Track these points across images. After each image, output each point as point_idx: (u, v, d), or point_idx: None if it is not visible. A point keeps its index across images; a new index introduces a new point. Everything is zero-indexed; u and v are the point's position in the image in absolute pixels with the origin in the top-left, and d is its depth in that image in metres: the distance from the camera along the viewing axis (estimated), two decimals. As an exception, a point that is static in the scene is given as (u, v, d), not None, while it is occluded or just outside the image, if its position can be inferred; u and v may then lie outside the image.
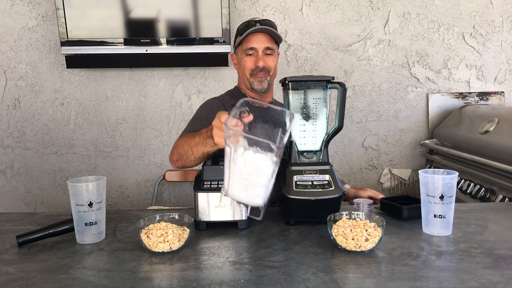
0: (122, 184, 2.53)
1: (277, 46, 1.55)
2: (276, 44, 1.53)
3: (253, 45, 1.47)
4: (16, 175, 2.50)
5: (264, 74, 1.50)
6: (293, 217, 1.16)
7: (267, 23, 1.48)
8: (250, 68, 1.50)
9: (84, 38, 2.28)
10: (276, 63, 1.56)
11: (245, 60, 1.51)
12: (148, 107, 2.47)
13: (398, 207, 1.19)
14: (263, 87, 1.52)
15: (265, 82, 1.51)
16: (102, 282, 0.83)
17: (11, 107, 2.44)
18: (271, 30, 1.47)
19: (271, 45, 1.48)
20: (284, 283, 0.80)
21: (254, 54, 1.48)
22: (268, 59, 1.49)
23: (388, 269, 0.86)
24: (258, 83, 1.51)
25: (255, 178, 0.88)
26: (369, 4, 2.44)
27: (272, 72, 1.52)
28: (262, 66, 1.48)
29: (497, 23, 2.48)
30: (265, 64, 1.48)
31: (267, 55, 1.49)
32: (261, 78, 1.50)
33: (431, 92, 2.52)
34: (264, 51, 1.48)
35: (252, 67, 1.49)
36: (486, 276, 0.81)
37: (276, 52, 1.55)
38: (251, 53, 1.49)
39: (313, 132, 1.21)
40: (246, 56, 1.50)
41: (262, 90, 1.53)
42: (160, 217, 1.06)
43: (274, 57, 1.52)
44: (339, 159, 2.56)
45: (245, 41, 1.49)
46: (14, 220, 1.25)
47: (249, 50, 1.48)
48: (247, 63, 1.50)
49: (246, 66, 1.50)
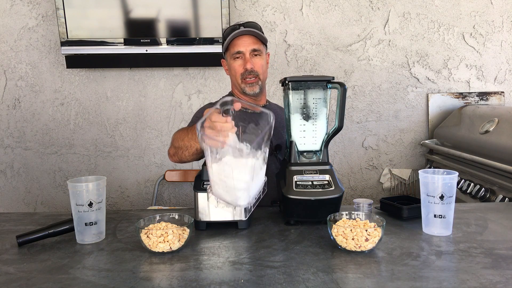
0: (122, 184, 2.53)
1: (265, 47, 1.55)
2: (263, 44, 1.54)
3: (239, 49, 1.49)
4: (16, 175, 2.50)
5: (254, 79, 1.51)
6: (293, 217, 1.16)
7: (251, 25, 1.50)
8: (240, 73, 1.51)
9: (84, 38, 2.28)
10: (266, 63, 1.57)
11: (233, 64, 1.52)
12: (148, 107, 2.47)
13: (398, 207, 1.19)
14: (254, 91, 1.53)
15: (256, 86, 1.52)
16: (102, 282, 0.83)
17: (11, 107, 2.44)
18: (255, 32, 1.48)
19: (257, 47, 1.50)
20: (284, 283, 0.80)
21: (242, 57, 1.50)
22: (256, 60, 1.51)
23: (388, 269, 0.86)
24: (249, 88, 1.53)
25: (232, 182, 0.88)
26: (369, 4, 2.44)
27: (261, 75, 1.53)
28: (251, 68, 1.49)
29: (497, 23, 2.48)
30: (253, 66, 1.49)
31: (255, 56, 1.50)
32: (252, 84, 1.52)
33: (431, 92, 2.52)
34: (251, 53, 1.49)
35: (241, 71, 1.50)
36: (486, 276, 0.81)
37: (265, 53, 1.56)
38: (238, 56, 1.50)
39: (313, 132, 1.21)
40: (234, 60, 1.52)
41: (254, 94, 1.54)
42: (160, 217, 1.06)
43: (261, 58, 1.53)
44: (339, 159, 2.56)
45: (232, 46, 1.50)
46: (14, 220, 1.25)
47: (236, 54, 1.50)
48: (236, 67, 1.52)
49: (236, 71, 1.52)
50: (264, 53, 1.55)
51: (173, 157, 1.41)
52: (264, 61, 1.54)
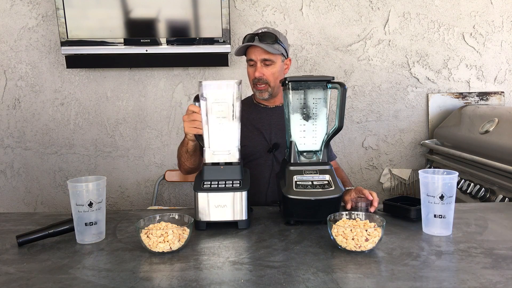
0: (122, 184, 2.53)
1: (281, 55, 1.60)
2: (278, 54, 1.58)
3: (251, 57, 1.57)
4: (16, 175, 2.50)
5: (264, 86, 1.59)
6: (293, 217, 1.16)
7: (266, 36, 1.55)
8: (252, 78, 1.61)
9: (84, 38, 2.28)
10: (280, 70, 1.61)
11: (248, 69, 1.63)
12: (148, 107, 2.47)
13: (406, 209, 1.18)
14: (263, 97, 1.62)
15: (265, 93, 1.61)
16: (102, 282, 0.83)
17: (11, 107, 2.44)
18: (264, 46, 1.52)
19: (268, 57, 1.55)
20: (284, 283, 0.80)
21: (254, 64, 1.58)
22: (266, 70, 1.57)
23: (388, 269, 0.86)
24: (259, 93, 1.62)
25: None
26: (369, 4, 2.44)
27: (272, 83, 1.60)
28: (259, 77, 1.57)
29: (497, 23, 2.48)
30: (262, 75, 1.56)
31: (266, 65, 1.57)
32: (261, 91, 1.61)
33: (431, 92, 2.52)
34: (262, 62, 1.56)
35: (253, 77, 1.60)
36: (486, 276, 0.81)
37: (280, 61, 1.60)
38: (252, 63, 1.59)
39: (313, 132, 1.21)
40: (249, 66, 1.61)
41: (264, 98, 1.64)
42: (160, 217, 1.07)
43: (274, 67, 1.57)
44: (339, 159, 2.56)
45: (247, 52, 1.60)
46: (14, 220, 1.25)
47: (250, 61, 1.59)
48: (249, 72, 1.62)
49: (250, 76, 1.62)
50: (278, 62, 1.58)
51: (181, 169, 1.58)
52: (276, 69, 1.58)
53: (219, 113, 1.17)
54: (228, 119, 1.18)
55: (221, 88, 1.18)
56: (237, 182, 1.14)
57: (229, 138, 1.19)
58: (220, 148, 1.19)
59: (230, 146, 1.19)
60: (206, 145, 1.19)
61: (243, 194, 1.11)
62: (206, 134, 1.19)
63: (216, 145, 1.19)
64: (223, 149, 1.19)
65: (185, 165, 1.51)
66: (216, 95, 1.16)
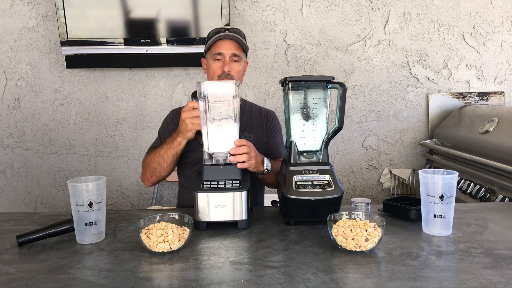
0: (122, 184, 2.53)
1: (245, 55, 1.59)
2: (244, 52, 1.57)
3: (221, 50, 1.52)
4: (16, 175, 2.50)
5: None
6: (293, 217, 1.16)
7: (235, 31, 1.55)
8: (218, 74, 1.55)
9: (84, 38, 2.28)
10: (243, 70, 1.60)
11: (212, 65, 1.56)
12: (148, 107, 2.47)
13: (406, 209, 1.18)
14: None
15: None
16: (102, 282, 0.83)
17: (11, 107, 2.44)
18: (238, 38, 1.52)
19: (238, 52, 1.53)
20: (284, 283, 0.80)
21: (221, 59, 1.53)
22: (234, 65, 1.54)
23: (388, 269, 0.86)
24: None
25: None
26: (369, 4, 2.44)
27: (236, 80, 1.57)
28: (228, 72, 1.52)
29: (497, 23, 2.48)
30: (230, 70, 1.53)
31: (234, 61, 1.54)
32: None
33: (431, 92, 2.52)
34: (231, 57, 1.53)
35: (219, 73, 1.54)
36: (486, 276, 0.81)
37: (244, 60, 1.59)
38: (218, 58, 1.53)
39: (313, 132, 1.21)
40: (214, 61, 1.55)
41: None
42: (160, 217, 1.06)
43: (240, 64, 1.56)
44: (339, 159, 2.56)
45: (214, 46, 1.54)
46: (14, 220, 1.25)
47: (217, 55, 1.53)
48: (214, 68, 1.55)
49: (214, 71, 1.56)
50: (243, 60, 1.58)
51: (150, 178, 1.50)
52: (241, 68, 1.57)
53: (218, 115, 1.18)
54: (227, 119, 1.18)
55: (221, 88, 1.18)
56: (237, 182, 1.14)
57: (228, 139, 1.19)
58: (219, 150, 1.19)
59: (230, 147, 1.19)
60: (205, 145, 1.19)
61: (243, 194, 1.11)
62: (205, 134, 1.19)
63: (215, 146, 1.19)
64: (222, 150, 1.19)
65: (160, 173, 1.45)
66: (216, 95, 1.16)
